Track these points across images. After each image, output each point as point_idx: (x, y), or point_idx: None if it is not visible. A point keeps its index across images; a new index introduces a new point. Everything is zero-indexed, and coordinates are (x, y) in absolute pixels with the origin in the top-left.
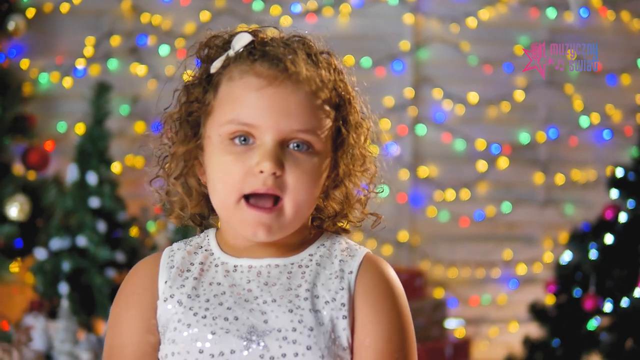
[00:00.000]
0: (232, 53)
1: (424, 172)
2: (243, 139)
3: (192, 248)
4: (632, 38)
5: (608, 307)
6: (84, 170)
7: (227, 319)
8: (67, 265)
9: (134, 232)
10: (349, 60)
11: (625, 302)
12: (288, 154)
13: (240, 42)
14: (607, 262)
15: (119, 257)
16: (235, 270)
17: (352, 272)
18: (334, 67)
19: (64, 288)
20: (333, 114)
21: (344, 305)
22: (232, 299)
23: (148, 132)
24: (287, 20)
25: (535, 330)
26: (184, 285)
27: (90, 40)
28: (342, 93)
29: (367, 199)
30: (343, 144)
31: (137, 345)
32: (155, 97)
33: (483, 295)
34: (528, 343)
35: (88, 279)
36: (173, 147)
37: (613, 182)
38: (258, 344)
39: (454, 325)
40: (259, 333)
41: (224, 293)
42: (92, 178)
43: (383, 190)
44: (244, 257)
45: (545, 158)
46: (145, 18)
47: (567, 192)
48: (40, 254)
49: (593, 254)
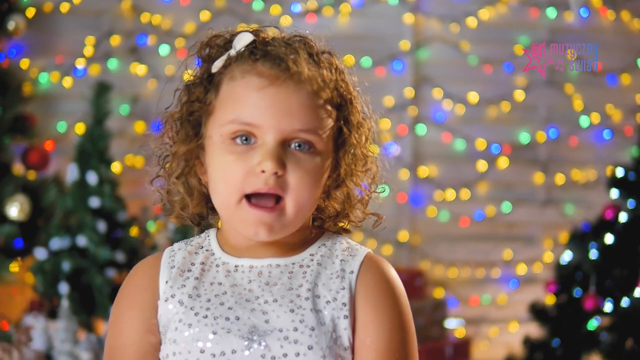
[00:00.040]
0: (233, 53)
1: (424, 172)
2: (244, 139)
3: (192, 248)
4: (632, 38)
5: (608, 307)
6: (84, 170)
7: (228, 319)
8: (67, 265)
9: (134, 232)
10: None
11: (626, 302)
12: (290, 154)
13: (242, 41)
14: (607, 262)
15: (119, 257)
16: (237, 270)
17: (353, 271)
18: (336, 66)
19: (64, 288)
20: (335, 114)
21: (345, 305)
22: (233, 299)
23: (148, 131)
24: (287, 20)
25: (536, 330)
26: (185, 285)
27: (90, 40)
28: (343, 93)
29: (368, 199)
30: (345, 144)
31: (138, 346)
32: (155, 96)
33: (483, 295)
34: (528, 343)
35: (88, 279)
36: (174, 146)
37: (613, 182)
38: (259, 344)
39: (454, 325)
40: (260, 333)
41: (225, 293)
42: (92, 178)
43: (384, 190)
44: (245, 257)
45: (546, 158)
46: (145, 18)
47: (567, 192)
48: (40, 254)
49: (593, 254)
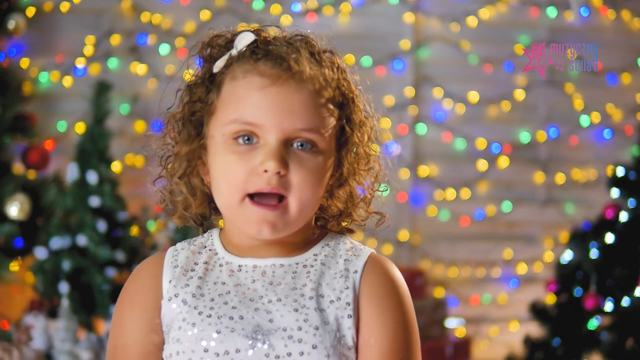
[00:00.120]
0: (235, 52)
1: (425, 171)
2: (247, 139)
3: (196, 248)
4: (632, 37)
5: (609, 306)
6: (84, 170)
7: (232, 318)
8: (67, 265)
9: (134, 231)
10: (350, 60)
11: (626, 301)
12: (292, 153)
13: (243, 41)
14: (607, 261)
15: (119, 256)
16: (240, 270)
17: (357, 271)
18: (337, 65)
19: (64, 287)
20: (337, 113)
21: (349, 305)
22: (237, 298)
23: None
24: (287, 19)
25: (536, 330)
26: (189, 285)
27: (90, 40)
28: (345, 92)
29: (371, 198)
30: (347, 143)
31: (141, 345)
32: (156, 96)
33: (483, 295)
34: (528, 342)
35: (88, 278)
36: (176, 146)
37: (614, 181)
38: (263, 343)
39: (455, 325)
40: (264, 332)
41: (229, 292)
42: (92, 177)
43: (387, 189)
44: (249, 256)
45: (546, 157)
46: (146, 17)
47: (567, 191)
48: (41, 253)
49: (594, 253)
